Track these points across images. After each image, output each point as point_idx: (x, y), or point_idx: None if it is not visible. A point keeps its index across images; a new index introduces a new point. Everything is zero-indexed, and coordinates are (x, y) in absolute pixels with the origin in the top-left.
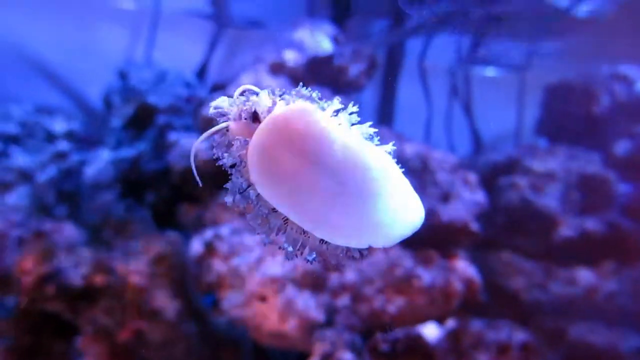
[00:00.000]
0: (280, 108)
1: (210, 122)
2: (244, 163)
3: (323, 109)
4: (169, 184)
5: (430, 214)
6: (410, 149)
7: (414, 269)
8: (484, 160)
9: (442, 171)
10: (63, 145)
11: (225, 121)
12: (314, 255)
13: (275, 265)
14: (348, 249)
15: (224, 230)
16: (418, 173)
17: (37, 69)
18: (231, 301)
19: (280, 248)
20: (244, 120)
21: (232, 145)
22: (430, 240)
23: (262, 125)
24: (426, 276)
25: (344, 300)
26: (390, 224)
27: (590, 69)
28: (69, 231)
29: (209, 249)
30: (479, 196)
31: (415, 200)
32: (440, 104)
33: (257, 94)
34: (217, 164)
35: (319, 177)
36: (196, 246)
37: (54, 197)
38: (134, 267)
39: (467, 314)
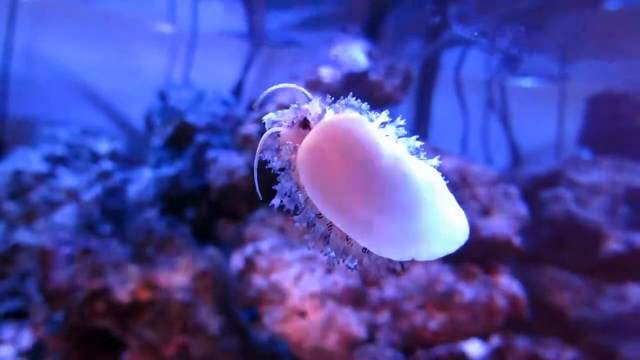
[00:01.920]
0: (331, 115)
1: (248, 140)
2: (293, 167)
3: (371, 120)
4: (208, 201)
5: (470, 228)
6: (447, 163)
7: (455, 285)
8: (525, 173)
9: (481, 185)
10: (107, 165)
11: (277, 126)
12: (355, 263)
13: (315, 281)
14: (390, 261)
15: (264, 246)
16: (456, 187)
17: (82, 93)
18: (272, 317)
19: (322, 252)
20: (295, 126)
21: (282, 149)
22: (471, 255)
23: (314, 130)
24: (468, 292)
25: (384, 317)
26: (434, 238)
27: (634, 77)
28: (115, 248)
29: (249, 264)
30: (521, 210)
31: (460, 216)
32: (476, 117)
33: (309, 101)
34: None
35: (366, 185)
36: (236, 262)
37: (99, 215)
38: (178, 282)
39: (512, 331)
